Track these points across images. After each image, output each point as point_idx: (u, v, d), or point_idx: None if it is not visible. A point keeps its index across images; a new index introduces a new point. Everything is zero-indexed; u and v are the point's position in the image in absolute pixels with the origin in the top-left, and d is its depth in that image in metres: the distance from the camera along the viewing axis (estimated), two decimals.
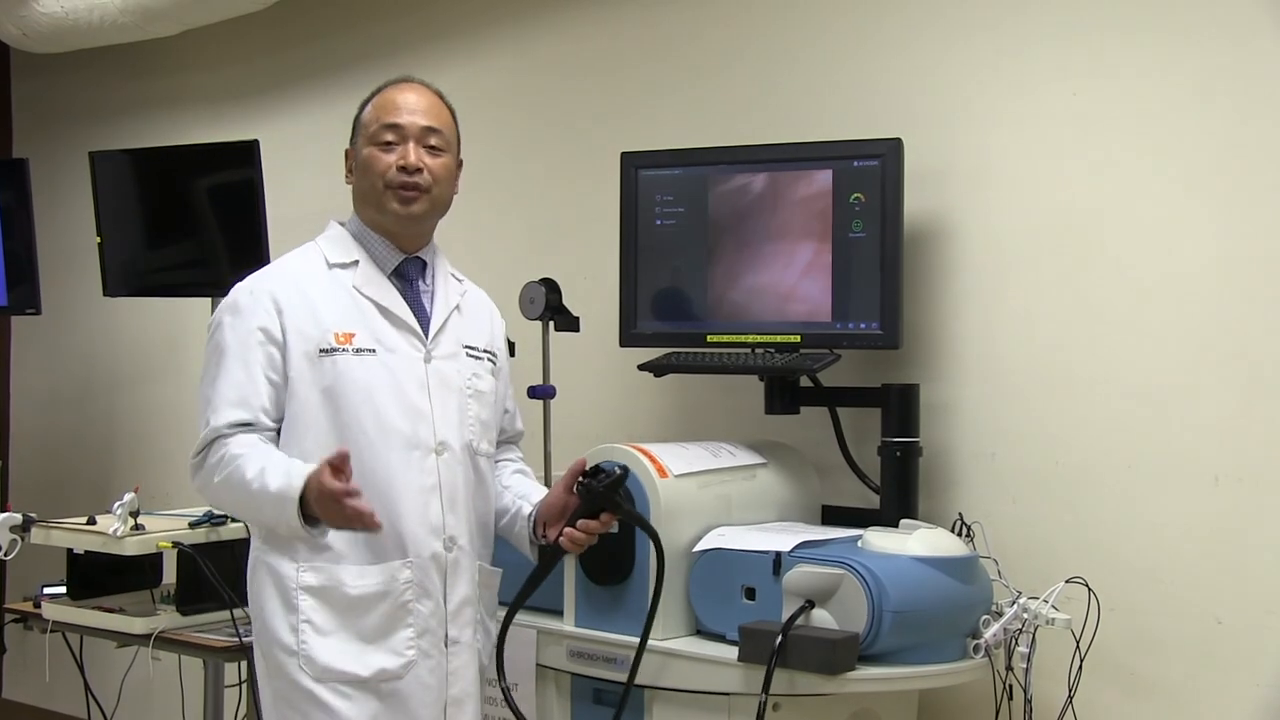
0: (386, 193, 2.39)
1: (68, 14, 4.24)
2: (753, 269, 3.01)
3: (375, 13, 4.14)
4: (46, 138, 5.08)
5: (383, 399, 2.34)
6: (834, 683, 2.39)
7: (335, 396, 2.31)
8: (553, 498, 2.45)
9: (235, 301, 2.36)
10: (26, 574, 4.18)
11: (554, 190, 3.69)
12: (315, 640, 2.29)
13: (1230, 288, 2.64)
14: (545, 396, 3.05)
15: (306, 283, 2.38)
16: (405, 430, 2.34)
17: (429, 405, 2.37)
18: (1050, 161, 2.86)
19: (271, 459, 2.25)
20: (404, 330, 2.39)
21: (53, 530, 3.39)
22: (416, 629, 2.33)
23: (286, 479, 2.19)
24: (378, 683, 2.30)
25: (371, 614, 2.31)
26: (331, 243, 2.45)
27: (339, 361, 2.32)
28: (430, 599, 2.35)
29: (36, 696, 4.88)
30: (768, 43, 3.29)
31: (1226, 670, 2.62)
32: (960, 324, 2.96)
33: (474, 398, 2.46)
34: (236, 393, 2.30)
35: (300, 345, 2.32)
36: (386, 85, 2.47)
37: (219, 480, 2.28)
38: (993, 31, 2.94)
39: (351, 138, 2.47)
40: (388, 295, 2.41)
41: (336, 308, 2.36)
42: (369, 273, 2.41)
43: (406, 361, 2.37)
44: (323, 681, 2.28)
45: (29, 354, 5.22)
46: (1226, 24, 2.64)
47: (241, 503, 2.31)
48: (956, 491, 2.94)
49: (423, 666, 2.34)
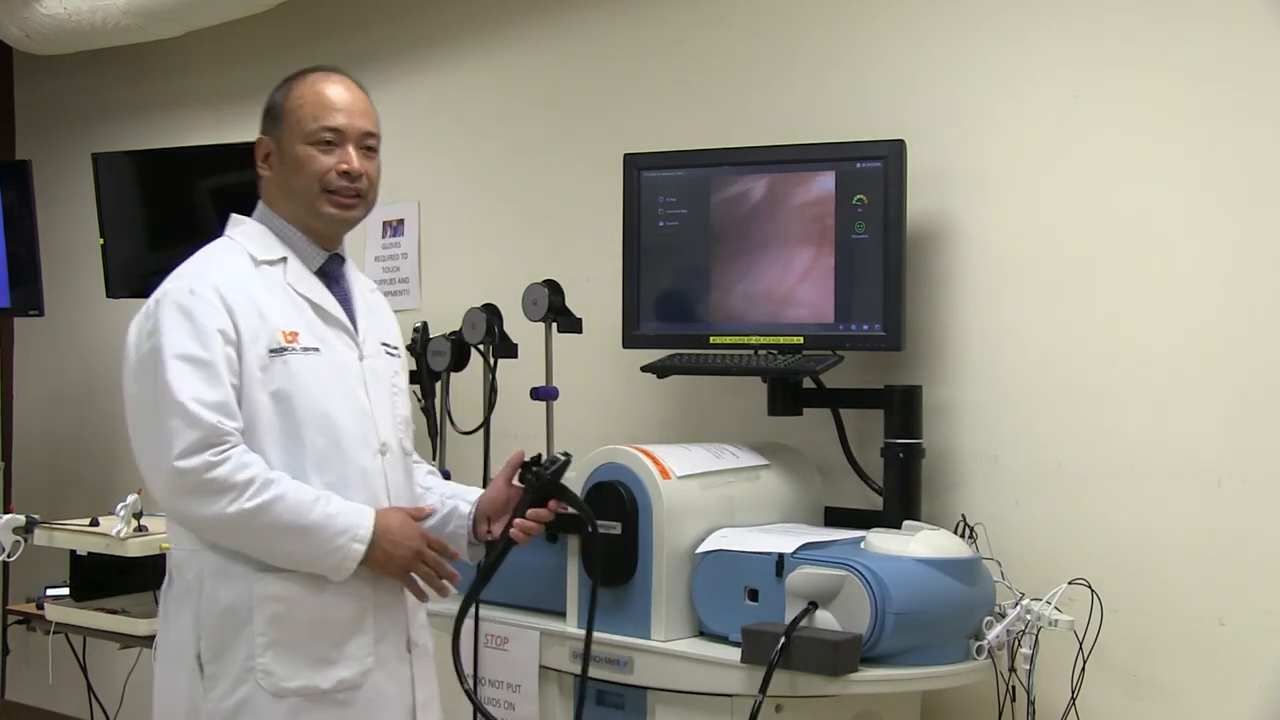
0: (323, 196, 2.30)
1: (70, 15, 4.24)
2: (755, 270, 3.01)
3: (377, 14, 4.15)
4: (49, 139, 5.08)
5: (333, 399, 2.25)
6: (836, 684, 2.39)
7: (287, 399, 2.20)
8: (494, 492, 2.42)
9: (180, 303, 2.18)
10: (29, 575, 4.19)
11: (557, 192, 3.69)
12: (273, 654, 2.17)
13: (1232, 289, 2.64)
14: (548, 398, 3.06)
15: (244, 280, 2.25)
16: (355, 432, 2.26)
17: (369, 405, 2.30)
18: (1053, 163, 2.86)
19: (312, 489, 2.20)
20: (338, 329, 2.31)
21: (55, 532, 3.40)
22: (374, 635, 2.26)
23: (353, 508, 2.19)
24: (337, 693, 2.21)
25: (330, 624, 2.21)
26: (252, 239, 2.32)
27: (290, 361, 2.22)
28: (394, 606, 2.30)
29: (39, 698, 4.88)
30: (770, 44, 3.29)
31: (1229, 671, 2.62)
32: (963, 326, 2.96)
33: (398, 395, 2.42)
34: (215, 396, 2.14)
35: (252, 346, 2.19)
36: (311, 74, 2.34)
37: (262, 502, 2.12)
38: (995, 33, 2.95)
39: (269, 126, 2.33)
40: (321, 293, 2.31)
41: (277, 306, 2.25)
42: (299, 270, 2.31)
43: (346, 361, 2.30)
44: (283, 697, 2.17)
45: (32, 355, 5.22)
46: (1229, 26, 2.64)
47: (288, 527, 2.15)
48: (959, 493, 2.94)
49: (381, 673, 2.26)
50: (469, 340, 3.22)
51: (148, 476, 2.19)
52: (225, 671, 2.18)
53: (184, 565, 2.24)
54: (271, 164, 2.33)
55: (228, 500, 2.11)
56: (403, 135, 4.06)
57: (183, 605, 2.23)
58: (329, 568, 2.19)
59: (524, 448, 2.70)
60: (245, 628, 2.17)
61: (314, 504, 2.16)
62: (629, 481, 2.64)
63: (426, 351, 3.35)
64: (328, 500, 2.18)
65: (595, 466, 2.71)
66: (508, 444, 3.30)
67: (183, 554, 2.24)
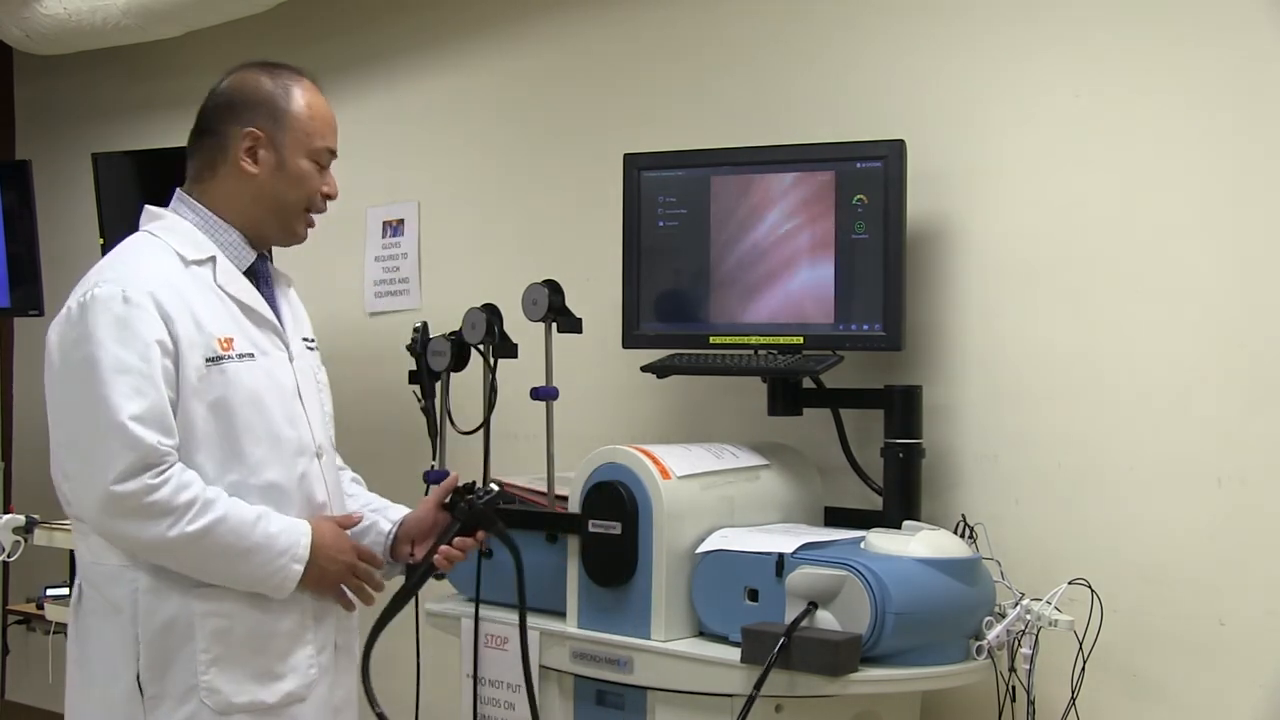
0: (303, 215, 2.27)
1: (70, 16, 4.24)
2: (755, 270, 3.01)
3: (377, 16, 4.15)
4: (49, 139, 5.08)
5: (270, 406, 2.18)
6: (836, 684, 2.39)
7: (224, 407, 2.12)
8: (422, 513, 2.37)
9: (113, 310, 2.07)
10: (29, 575, 4.19)
11: (557, 192, 3.69)
12: (217, 670, 2.12)
13: (1232, 289, 2.64)
14: (548, 398, 3.05)
15: (177, 283, 2.14)
16: (292, 437, 2.22)
17: (303, 408, 2.26)
18: (1053, 163, 2.86)
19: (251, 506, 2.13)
20: (268, 330, 2.24)
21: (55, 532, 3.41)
22: (315, 646, 2.23)
23: (291, 525, 2.15)
24: (283, 706, 2.17)
25: (273, 636, 2.17)
26: (179, 236, 2.21)
27: (227, 370, 2.14)
28: (329, 613, 2.26)
29: (39, 698, 4.88)
30: (770, 44, 3.29)
31: (1229, 671, 2.62)
32: (963, 325, 2.96)
33: (324, 392, 2.38)
34: (154, 413, 2.05)
35: (190, 356, 2.10)
36: (303, 79, 2.28)
37: (204, 525, 2.06)
38: (995, 33, 2.95)
39: (265, 122, 2.22)
40: (250, 294, 2.23)
41: (210, 311, 2.16)
42: (229, 271, 2.21)
43: (278, 364, 2.24)
44: (229, 714, 2.12)
45: (32, 356, 5.20)
46: (1229, 26, 2.64)
47: (229, 549, 2.09)
48: (959, 493, 2.94)
49: (323, 683, 2.24)
50: (469, 340, 3.21)
51: (77, 494, 2.11)
52: (167, 691, 2.11)
53: (109, 581, 2.15)
54: (260, 163, 2.23)
55: (167, 524, 2.04)
56: (403, 136, 4.07)
57: (110, 623, 2.14)
58: (270, 588, 2.15)
59: (526, 447, 2.71)
60: (186, 644, 2.11)
61: (255, 524, 2.11)
62: (629, 481, 2.64)
63: (426, 351, 3.34)
64: (267, 519, 2.13)
65: (595, 466, 2.70)
66: (508, 444, 3.32)
67: (107, 570, 2.15)
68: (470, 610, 2.82)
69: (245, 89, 2.25)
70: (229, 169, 2.24)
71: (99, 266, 2.19)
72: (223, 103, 2.26)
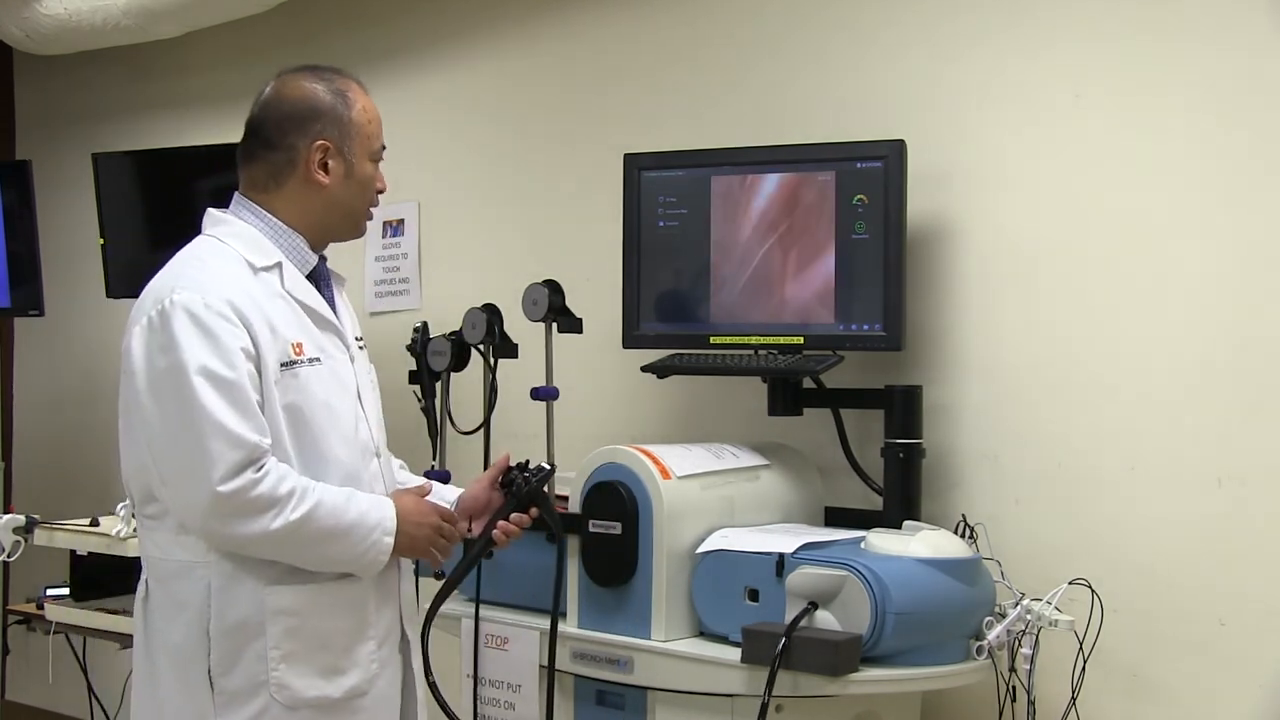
0: (367, 212, 2.32)
1: (71, 16, 4.24)
2: (755, 271, 3.01)
3: (377, 15, 4.15)
4: (49, 139, 5.08)
5: (340, 409, 2.23)
6: (837, 684, 2.39)
7: (298, 412, 2.16)
8: (477, 490, 2.41)
9: (197, 318, 2.09)
10: (29, 575, 4.19)
11: (557, 192, 3.69)
12: (287, 666, 2.15)
13: (1233, 290, 2.64)
14: (548, 398, 3.05)
15: (249, 289, 2.17)
16: (356, 440, 2.26)
17: (364, 411, 2.30)
18: (1053, 163, 2.86)
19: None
20: (330, 333, 2.27)
21: (56, 532, 3.41)
22: (377, 641, 2.26)
23: (376, 501, 2.21)
24: (347, 700, 2.21)
25: (337, 633, 2.21)
26: (244, 242, 2.22)
27: (300, 374, 2.17)
28: (389, 606, 2.29)
29: (39, 698, 4.89)
30: (770, 44, 3.29)
31: (1229, 671, 2.62)
32: (963, 326, 2.96)
33: (376, 391, 2.40)
34: (249, 412, 2.09)
35: (269, 360, 2.14)
36: (355, 83, 2.30)
37: (306, 512, 2.10)
38: (995, 33, 2.95)
39: (332, 132, 2.23)
40: (315, 299, 2.26)
41: (281, 317, 2.19)
42: (294, 276, 2.24)
43: (342, 366, 2.27)
44: (296, 709, 2.15)
45: (32, 355, 5.22)
46: (1229, 26, 2.64)
47: (329, 532, 2.14)
48: (959, 493, 2.94)
49: (383, 678, 2.27)
50: (469, 340, 3.22)
51: (181, 499, 2.11)
52: (238, 685, 2.14)
53: (176, 577, 2.18)
54: (331, 173, 2.24)
55: (271, 516, 2.08)
56: (403, 135, 4.06)
57: (180, 617, 2.17)
58: (364, 565, 2.19)
59: (526, 447, 2.71)
60: (256, 640, 2.14)
61: (348, 504, 2.17)
62: (629, 481, 2.64)
63: (426, 351, 3.34)
64: (355, 498, 2.19)
65: (595, 466, 2.71)
66: (508, 444, 3.30)
67: (175, 565, 2.18)
68: (470, 610, 2.82)
69: (307, 100, 2.25)
70: (298, 181, 2.25)
71: (171, 272, 2.21)
72: (284, 115, 2.25)
